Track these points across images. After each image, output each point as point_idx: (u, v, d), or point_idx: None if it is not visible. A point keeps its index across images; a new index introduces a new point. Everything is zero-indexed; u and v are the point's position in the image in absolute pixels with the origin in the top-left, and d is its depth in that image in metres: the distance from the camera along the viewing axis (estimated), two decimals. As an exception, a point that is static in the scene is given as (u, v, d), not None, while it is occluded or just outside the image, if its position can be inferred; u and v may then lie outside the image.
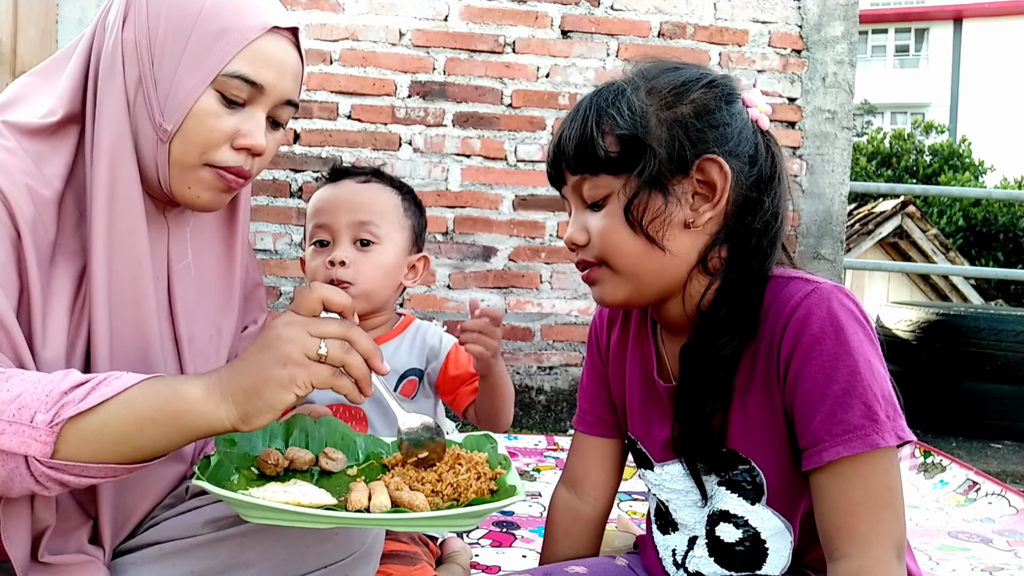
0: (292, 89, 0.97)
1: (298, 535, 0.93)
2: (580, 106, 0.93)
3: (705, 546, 0.96)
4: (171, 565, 0.92)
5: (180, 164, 0.91)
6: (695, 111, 0.88)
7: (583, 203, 0.93)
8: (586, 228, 0.92)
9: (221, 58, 0.89)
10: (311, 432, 1.00)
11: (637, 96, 0.89)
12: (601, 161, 0.88)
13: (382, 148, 2.90)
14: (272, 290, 2.88)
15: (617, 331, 1.07)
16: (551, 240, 2.97)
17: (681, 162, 0.87)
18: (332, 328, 0.78)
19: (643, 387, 1.02)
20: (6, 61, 2.71)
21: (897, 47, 20.40)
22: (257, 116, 0.93)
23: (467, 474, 0.90)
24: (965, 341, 3.18)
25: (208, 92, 0.89)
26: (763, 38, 3.00)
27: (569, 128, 0.92)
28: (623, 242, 0.89)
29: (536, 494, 2.14)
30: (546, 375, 2.97)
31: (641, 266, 0.89)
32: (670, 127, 0.87)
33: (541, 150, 2.95)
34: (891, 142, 11.03)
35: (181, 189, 0.92)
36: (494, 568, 1.62)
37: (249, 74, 0.90)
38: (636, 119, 0.87)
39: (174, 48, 0.89)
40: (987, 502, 2.27)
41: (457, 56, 2.92)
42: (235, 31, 0.89)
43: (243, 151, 0.93)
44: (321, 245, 1.31)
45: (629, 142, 0.87)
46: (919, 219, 7.28)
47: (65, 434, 0.75)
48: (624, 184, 0.88)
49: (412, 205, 1.37)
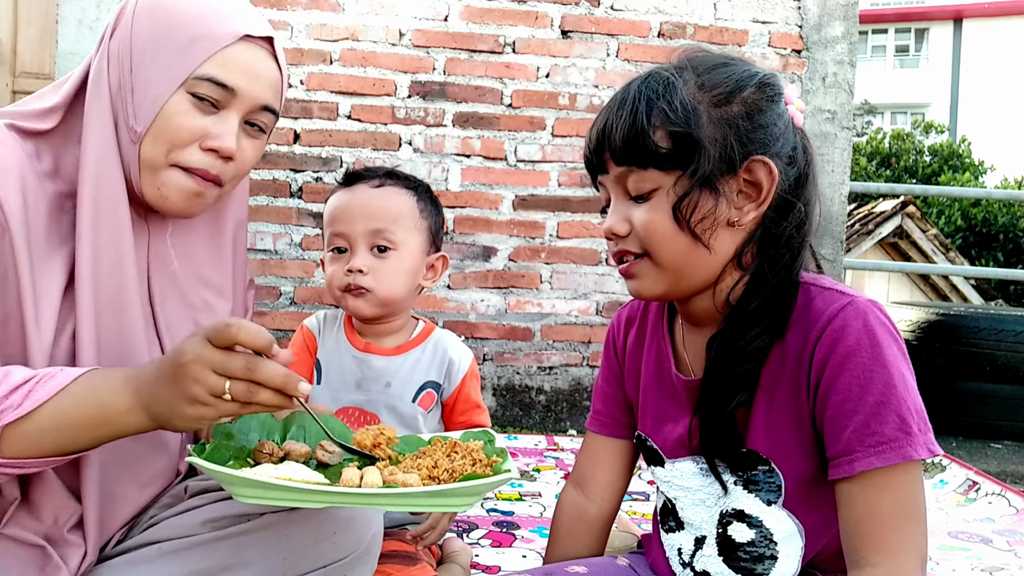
0: (268, 96, 0.98)
1: (297, 534, 0.93)
2: (627, 96, 0.90)
3: (715, 545, 0.95)
4: (170, 565, 0.92)
5: (149, 164, 0.93)
6: (746, 111, 0.88)
7: (625, 194, 0.91)
8: (628, 219, 0.91)
9: (192, 62, 0.92)
10: (308, 429, 1.00)
11: (687, 90, 0.88)
12: (651, 155, 0.87)
13: (382, 148, 2.90)
14: (272, 290, 2.88)
15: (634, 331, 1.08)
16: (551, 240, 2.97)
17: (730, 162, 0.87)
18: (237, 367, 0.78)
19: (658, 383, 1.02)
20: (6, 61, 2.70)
21: (897, 47, 20.40)
22: (229, 120, 0.95)
23: (463, 460, 0.91)
24: (965, 341, 3.18)
25: (178, 94, 0.92)
26: (763, 38, 3.00)
27: (616, 117, 0.90)
28: (669, 237, 0.88)
29: (536, 494, 2.14)
30: (546, 375, 2.97)
31: (684, 261, 0.89)
32: (721, 126, 0.87)
33: (541, 150, 2.95)
34: (891, 142, 11.03)
35: (151, 190, 0.94)
36: (494, 568, 1.62)
37: (219, 76, 0.93)
38: (688, 115, 0.86)
39: (150, 55, 0.93)
40: (987, 502, 2.27)
41: (457, 56, 2.92)
42: (207, 37, 0.93)
43: (211, 152, 0.95)
44: (339, 252, 1.31)
45: (681, 139, 0.86)
46: (919, 219, 7.28)
47: (6, 437, 0.80)
48: (675, 181, 0.87)
49: (428, 205, 1.36)
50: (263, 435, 0.98)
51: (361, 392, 1.31)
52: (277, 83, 1.00)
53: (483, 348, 2.95)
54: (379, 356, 1.32)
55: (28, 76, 4.83)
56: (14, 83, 4.75)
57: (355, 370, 1.32)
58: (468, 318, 2.94)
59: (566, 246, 2.97)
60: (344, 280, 1.28)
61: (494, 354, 2.96)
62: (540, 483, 2.25)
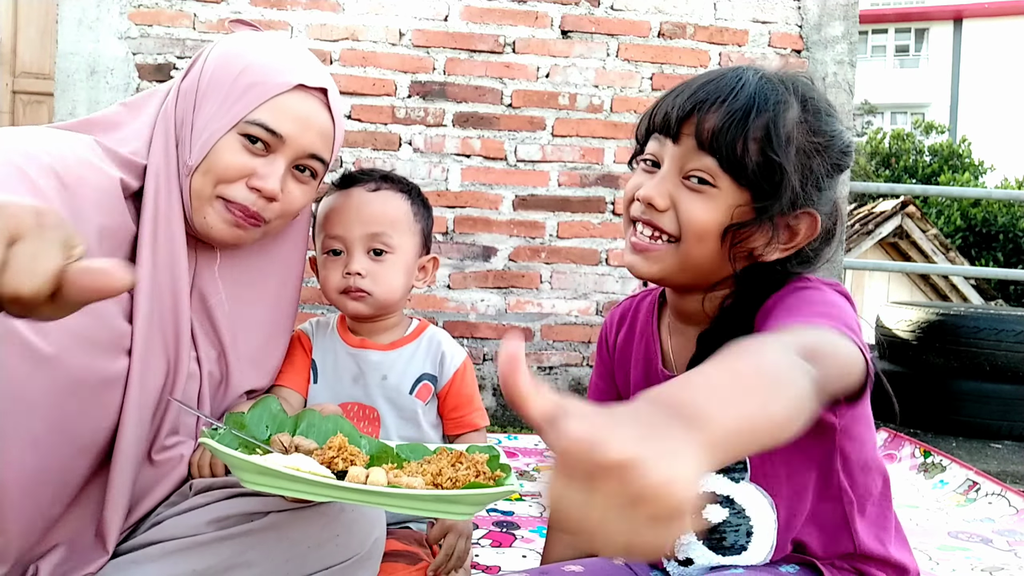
0: (318, 144, 1.05)
1: (300, 536, 0.94)
2: (744, 89, 0.87)
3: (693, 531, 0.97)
4: (173, 564, 0.93)
5: (198, 195, 1.01)
6: (825, 171, 0.89)
7: (679, 170, 0.88)
8: (672, 197, 0.88)
9: (246, 106, 0.99)
10: (318, 427, 1.01)
11: (790, 118, 0.86)
12: (738, 163, 0.85)
13: (382, 148, 2.91)
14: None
15: (625, 329, 1.10)
16: (551, 240, 2.97)
17: (791, 205, 0.87)
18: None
19: (645, 379, 1.03)
20: (6, 61, 2.70)
21: (897, 47, 20.40)
22: (276, 163, 1.02)
23: (467, 471, 0.91)
24: (965, 341, 3.17)
25: (231, 135, 1.00)
26: (763, 38, 3.00)
27: (724, 104, 0.86)
28: (710, 240, 0.88)
29: (536, 494, 2.14)
30: (546, 375, 2.97)
31: (703, 264, 0.90)
32: (801, 171, 0.86)
33: (541, 150, 2.95)
34: (891, 142, 11.04)
35: (198, 218, 1.02)
36: (494, 568, 1.62)
37: (269, 122, 1.00)
38: (786, 147, 0.85)
39: (212, 98, 1.01)
40: (987, 502, 2.27)
41: (457, 56, 2.92)
42: (263, 85, 1.00)
43: (255, 192, 1.01)
44: (334, 254, 1.32)
45: (770, 166, 0.85)
46: (919, 219, 7.29)
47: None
48: (743, 201, 0.86)
49: (421, 208, 1.38)
50: (275, 429, 0.99)
51: (359, 387, 1.32)
52: (328, 132, 1.06)
53: (483, 348, 2.95)
54: (375, 351, 1.33)
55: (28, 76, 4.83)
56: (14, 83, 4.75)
57: (351, 366, 1.33)
58: (468, 318, 2.94)
59: (566, 246, 2.97)
60: (342, 283, 1.29)
61: (494, 354, 2.95)
62: (540, 483, 2.25)
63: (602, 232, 2.98)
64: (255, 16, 2.80)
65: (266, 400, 1.01)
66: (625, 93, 2.97)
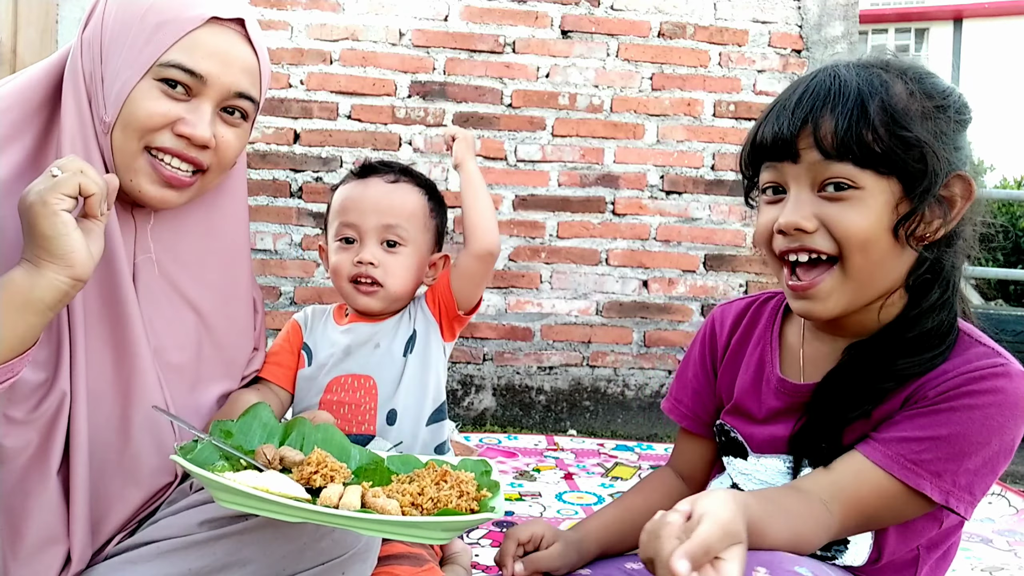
0: (244, 81, 0.96)
1: (295, 533, 0.93)
2: (843, 86, 0.85)
3: None
4: (169, 563, 0.92)
5: (121, 152, 0.92)
6: (953, 128, 0.86)
7: (813, 187, 0.86)
8: (817, 216, 0.85)
9: (157, 48, 0.90)
10: (308, 437, 1.01)
11: (900, 91, 0.84)
12: (872, 154, 0.82)
13: (382, 148, 2.90)
14: (272, 290, 2.88)
15: (740, 331, 1.07)
16: (551, 240, 2.97)
17: (936, 176, 0.84)
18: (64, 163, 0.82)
19: (755, 383, 1.01)
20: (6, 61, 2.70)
21: (897, 47, 20.28)
22: (203, 107, 0.93)
23: (450, 491, 0.90)
24: (965, 341, 3.17)
25: (145, 81, 0.91)
26: (763, 38, 3.00)
27: (833, 107, 0.84)
28: (872, 240, 0.84)
29: (536, 494, 2.14)
30: (546, 375, 2.97)
31: (873, 272, 0.86)
32: (935, 135, 0.84)
33: (541, 150, 2.95)
34: (891, 142, 11.02)
35: (126, 180, 0.93)
36: (494, 568, 1.62)
37: (185, 62, 0.91)
38: (910, 118, 0.83)
39: (118, 44, 0.91)
40: (987, 502, 2.27)
41: (457, 56, 2.92)
42: (173, 23, 0.90)
43: (183, 139, 0.93)
44: (347, 242, 1.32)
45: (902, 143, 0.82)
46: (919, 219, 7.27)
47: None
48: (894, 190, 0.83)
49: (437, 206, 1.39)
50: (264, 437, 0.98)
51: (352, 359, 1.32)
52: (252, 67, 0.97)
53: (483, 348, 2.95)
54: (366, 324, 1.34)
55: (28, 76, 4.83)
56: (14, 83, 4.75)
57: (343, 340, 1.33)
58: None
59: (566, 246, 2.97)
60: (353, 270, 1.29)
61: (494, 354, 2.96)
62: (540, 483, 2.25)
63: (602, 232, 2.98)
64: (255, 16, 2.80)
65: (257, 408, 1.01)
66: (625, 93, 2.97)
